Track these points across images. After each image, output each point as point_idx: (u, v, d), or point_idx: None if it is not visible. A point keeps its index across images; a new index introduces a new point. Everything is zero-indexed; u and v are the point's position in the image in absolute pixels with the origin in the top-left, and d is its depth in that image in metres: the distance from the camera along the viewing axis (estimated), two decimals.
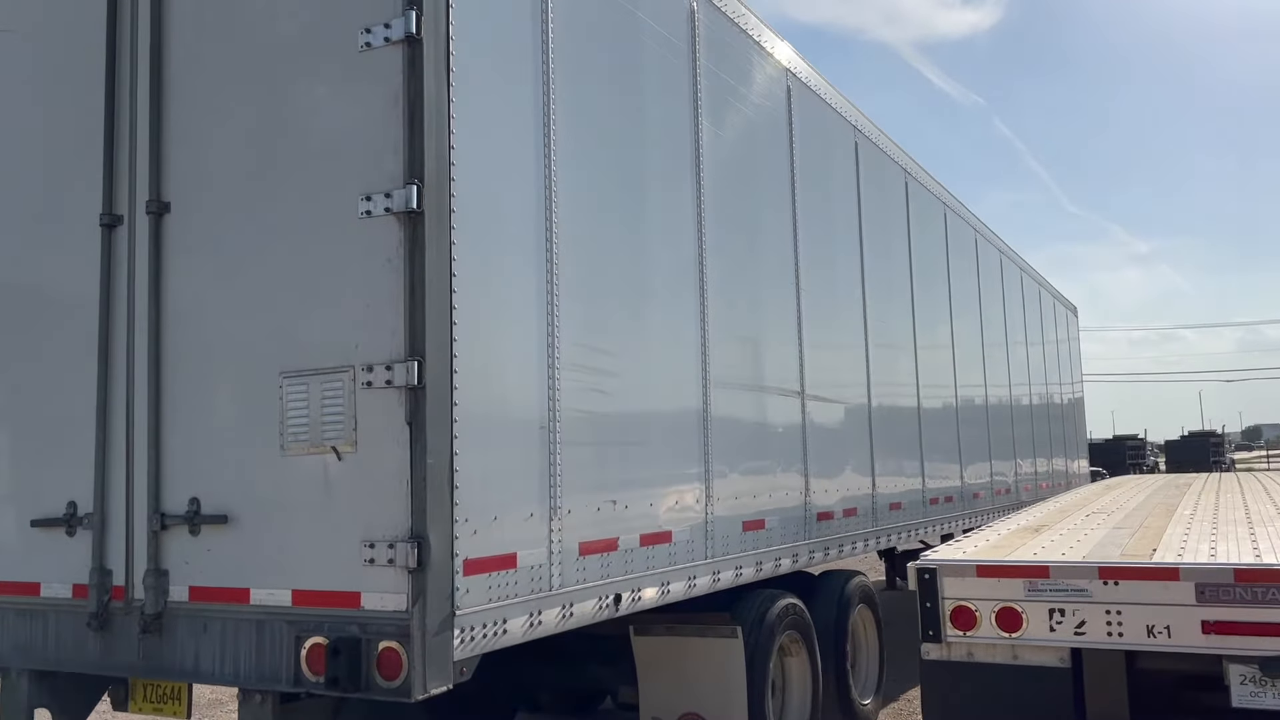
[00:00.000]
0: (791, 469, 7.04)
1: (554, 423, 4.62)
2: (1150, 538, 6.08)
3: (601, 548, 4.92)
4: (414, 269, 4.00)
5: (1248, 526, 6.45)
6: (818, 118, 8.02)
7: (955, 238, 11.48)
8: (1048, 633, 5.14)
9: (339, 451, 4.08)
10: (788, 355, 7.13)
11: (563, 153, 4.84)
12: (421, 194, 3.99)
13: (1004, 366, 13.48)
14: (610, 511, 5.01)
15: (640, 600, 5.22)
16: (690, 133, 6.07)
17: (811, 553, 7.25)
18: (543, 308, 4.63)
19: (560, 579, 4.61)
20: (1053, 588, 5.17)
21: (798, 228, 7.38)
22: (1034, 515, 8.00)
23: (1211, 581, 4.85)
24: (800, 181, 7.46)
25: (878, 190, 9.13)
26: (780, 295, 7.12)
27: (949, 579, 5.37)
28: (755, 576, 6.45)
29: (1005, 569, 5.28)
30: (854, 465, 8.13)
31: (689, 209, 5.99)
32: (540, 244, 4.65)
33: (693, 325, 5.92)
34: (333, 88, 4.26)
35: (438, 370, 4.00)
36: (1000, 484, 12.69)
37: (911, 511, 9.32)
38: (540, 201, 4.67)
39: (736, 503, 6.25)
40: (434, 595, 3.91)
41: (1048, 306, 17.14)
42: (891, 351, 9.24)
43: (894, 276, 9.47)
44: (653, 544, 5.34)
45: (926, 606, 5.38)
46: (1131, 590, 4.99)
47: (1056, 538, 6.32)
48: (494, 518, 4.24)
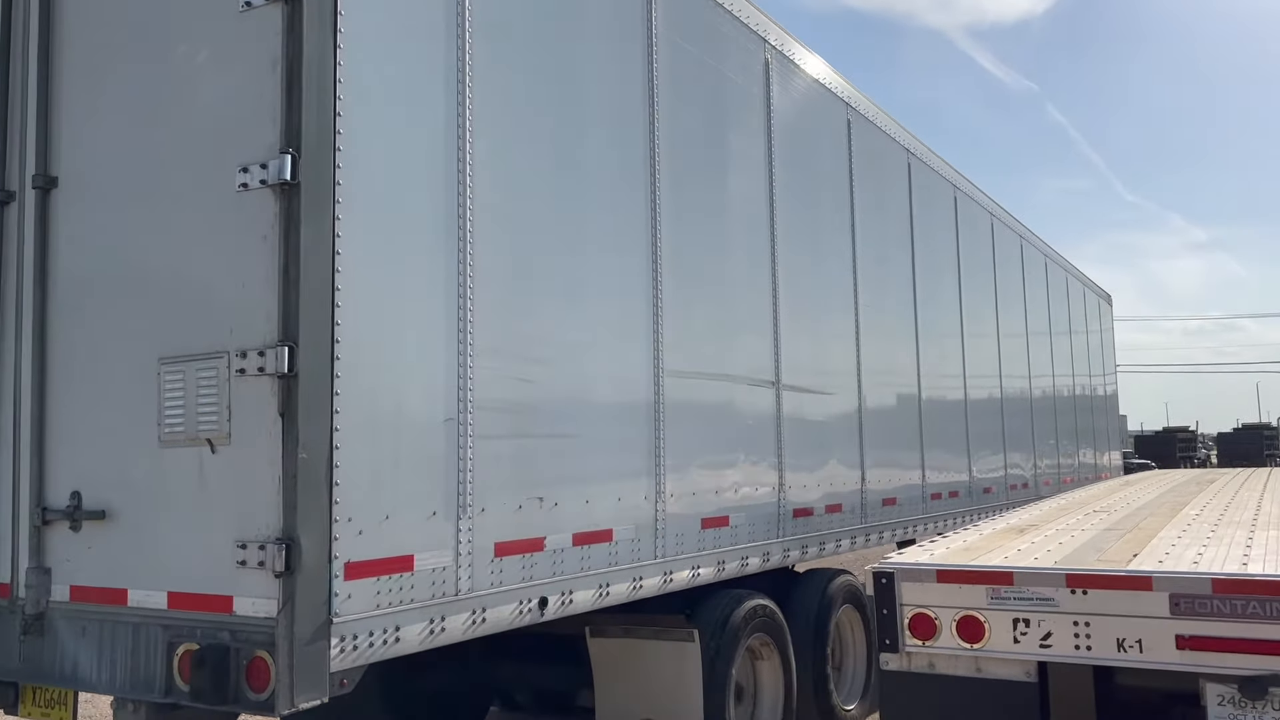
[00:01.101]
0: (763, 463, 6.66)
1: (465, 414, 4.29)
2: (1138, 541, 5.64)
3: (523, 548, 4.59)
4: (289, 246, 3.68)
5: (1250, 530, 5.97)
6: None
7: (965, 219, 10.98)
8: (1011, 644, 4.74)
9: (213, 444, 3.79)
10: (760, 344, 6.74)
11: (482, 123, 4.49)
12: (297, 165, 3.68)
13: (1023, 356, 12.96)
14: (535, 509, 4.67)
15: (572, 604, 4.88)
16: (643, 106, 5.69)
17: (786, 551, 6.87)
18: (452, 291, 4.29)
19: (470, 582, 4.28)
20: (1017, 596, 4.77)
21: (774, 202, 6.98)
22: (1029, 513, 7.55)
23: (1187, 593, 4.42)
24: (778, 161, 7.06)
25: (867, 161, 8.69)
26: (753, 279, 6.73)
27: (907, 585, 4.99)
28: (717, 576, 6.09)
29: (967, 574, 4.88)
30: (840, 459, 7.72)
31: (641, 186, 5.62)
32: (451, 221, 4.31)
33: (644, 311, 5.55)
34: (214, 52, 3.96)
35: (315, 357, 3.68)
36: (1016, 478, 12.20)
37: (908, 507, 8.89)
38: (451, 175, 4.33)
39: (695, 499, 5.89)
40: (306, 601, 3.60)
41: (1076, 295, 16.53)
42: (888, 340, 8.80)
43: (891, 258, 9.03)
44: (588, 543, 5.00)
45: (883, 614, 5.01)
46: (1101, 600, 4.58)
47: (1039, 539, 5.89)
48: (385, 517, 3.91)
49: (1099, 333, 18.45)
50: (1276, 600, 4.26)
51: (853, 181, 8.23)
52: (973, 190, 11.38)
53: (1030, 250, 13.66)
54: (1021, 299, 13.08)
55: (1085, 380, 16.88)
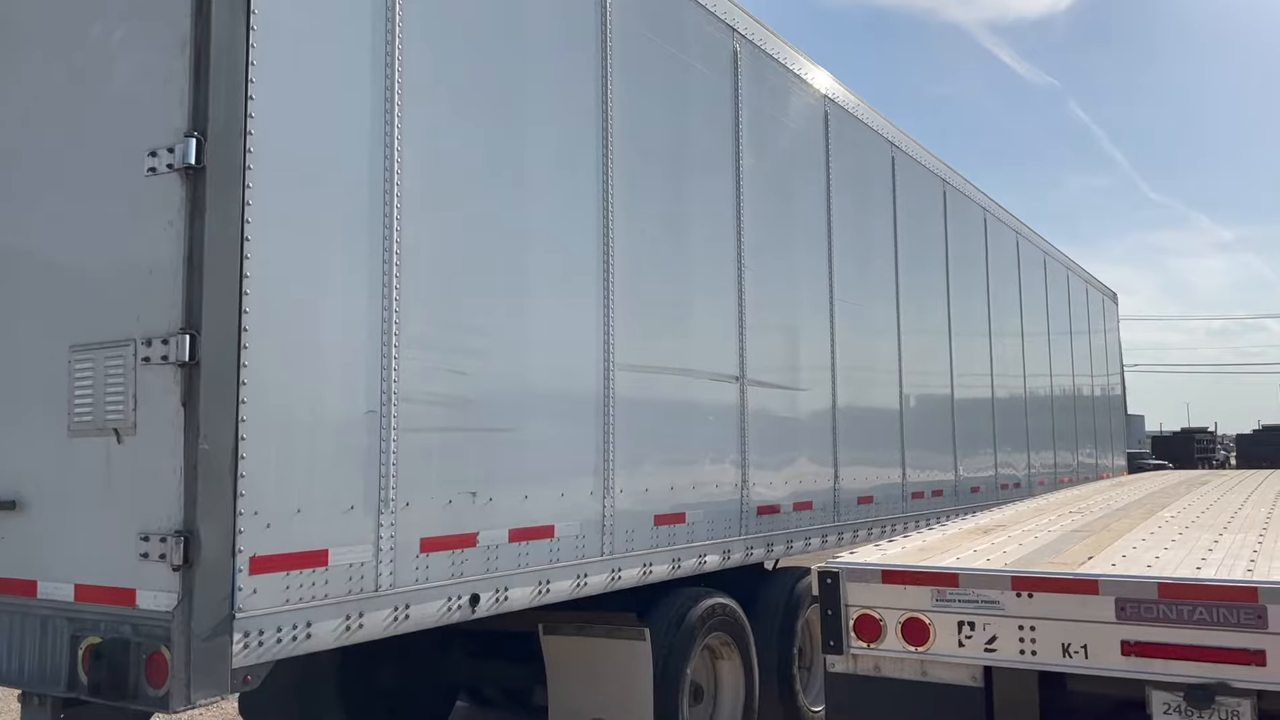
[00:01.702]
0: (725, 460, 6.54)
1: (388, 407, 4.19)
2: (1099, 543, 5.50)
3: (453, 544, 4.49)
4: (194, 232, 3.59)
5: (1219, 533, 5.82)
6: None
7: (955, 213, 10.82)
8: (956, 647, 4.62)
9: (120, 434, 3.70)
10: (723, 338, 6.61)
11: (412, 108, 4.39)
12: (202, 148, 3.59)
13: (1018, 354, 12.78)
14: (467, 505, 4.57)
15: (507, 601, 4.78)
16: (595, 88, 5.58)
17: (750, 549, 6.75)
18: (376, 281, 4.19)
19: (392, 579, 4.19)
20: (962, 598, 4.64)
21: (741, 191, 6.86)
22: (1002, 514, 7.40)
23: (1133, 597, 4.29)
24: (746, 149, 6.93)
25: (845, 154, 8.54)
26: (716, 271, 6.60)
27: (853, 585, 4.87)
28: (671, 574, 5.98)
29: (912, 575, 4.76)
30: (811, 456, 7.59)
31: (591, 171, 5.50)
32: (376, 210, 4.21)
33: (593, 303, 5.44)
34: (127, 32, 3.87)
35: (219, 345, 3.59)
36: (1008, 478, 12.02)
37: (887, 506, 8.75)
38: (377, 162, 4.23)
39: (647, 495, 5.77)
40: (205, 595, 3.51)
41: (1078, 292, 16.32)
42: (867, 336, 8.66)
43: (872, 252, 8.88)
44: (527, 540, 4.90)
45: (828, 614, 4.89)
46: (1046, 604, 4.45)
47: (1001, 540, 5.76)
48: (297, 511, 3.82)
49: (1103, 331, 18.22)
50: (1223, 606, 4.12)
51: (829, 174, 8.09)
52: (963, 184, 11.22)
53: (1027, 246, 13.47)
54: (1016, 296, 12.89)
55: (1087, 379, 16.67)
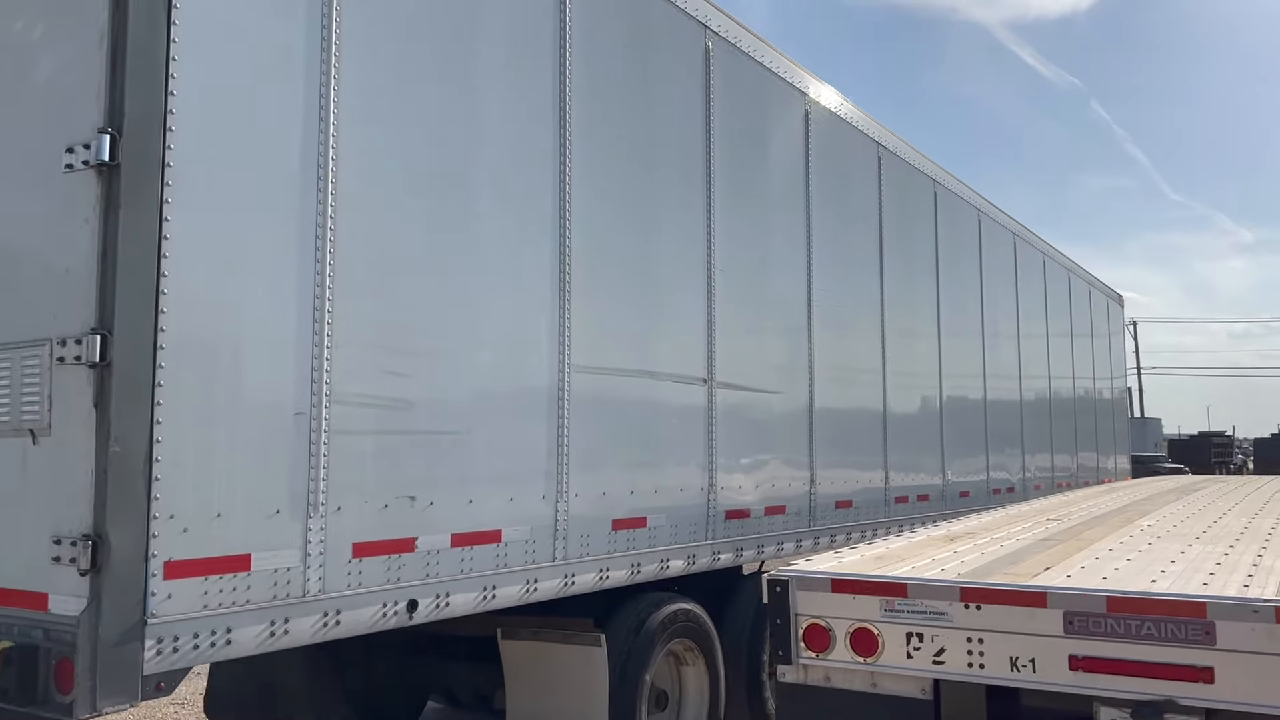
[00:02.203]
0: (690, 463, 6.44)
1: (319, 409, 4.12)
2: (1062, 553, 5.38)
3: (389, 549, 4.41)
4: (108, 230, 3.53)
5: (1189, 543, 5.69)
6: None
7: (946, 214, 10.68)
8: (904, 659, 4.52)
9: (35, 435, 3.64)
10: (691, 339, 6.51)
11: (350, 102, 4.31)
12: (117, 145, 3.52)
13: (1013, 356, 12.63)
14: (405, 509, 4.49)
15: (449, 607, 4.70)
16: (552, 74, 5.49)
17: (716, 553, 6.66)
18: (308, 281, 4.12)
19: (321, 584, 4.11)
20: (910, 609, 4.54)
21: (712, 185, 6.75)
22: (975, 521, 7.28)
23: (1081, 610, 4.18)
24: (718, 140, 6.83)
25: (826, 151, 8.43)
26: (684, 268, 6.51)
27: (802, 593, 4.78)
28: (630, 579, 5.89)
29: (861, 585, 4.66)
30: (785, 460, 7.48)
31: (546, 162, 5.41)
32: (308, 207, 4.14)
33: (547, 303, 5.36)
34: (49, 28, 3.81)
35: (133, 346, 3.52)
36: (1000, 482, 11.88)
37: (867, 511, 8.64)
38: (311, 159, 4.15)
39: (605, 499, 5.69)
40: (115, 600, 3.44)
41: (1080, 295, 16.14)
42: (848, 338, 8.54)
43: (854, 251, 8.76)
44: (471, 545, 4.82)
45: (777, 623, 4.80)
46: (994, 616, 4.35)
47: (964, 549, 5.65)
48: (217, 515, 3.75)
49: (1106, 335, 18.02)
50: (1171, 621, 4.01)
51: (809, 174, 7.99)
52: (955, 184, 11.08)
53: (1025, 248, 13.32)
54: (1013, 297, 12.74)
55: (1088, 382, 16.49)
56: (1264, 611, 3.86)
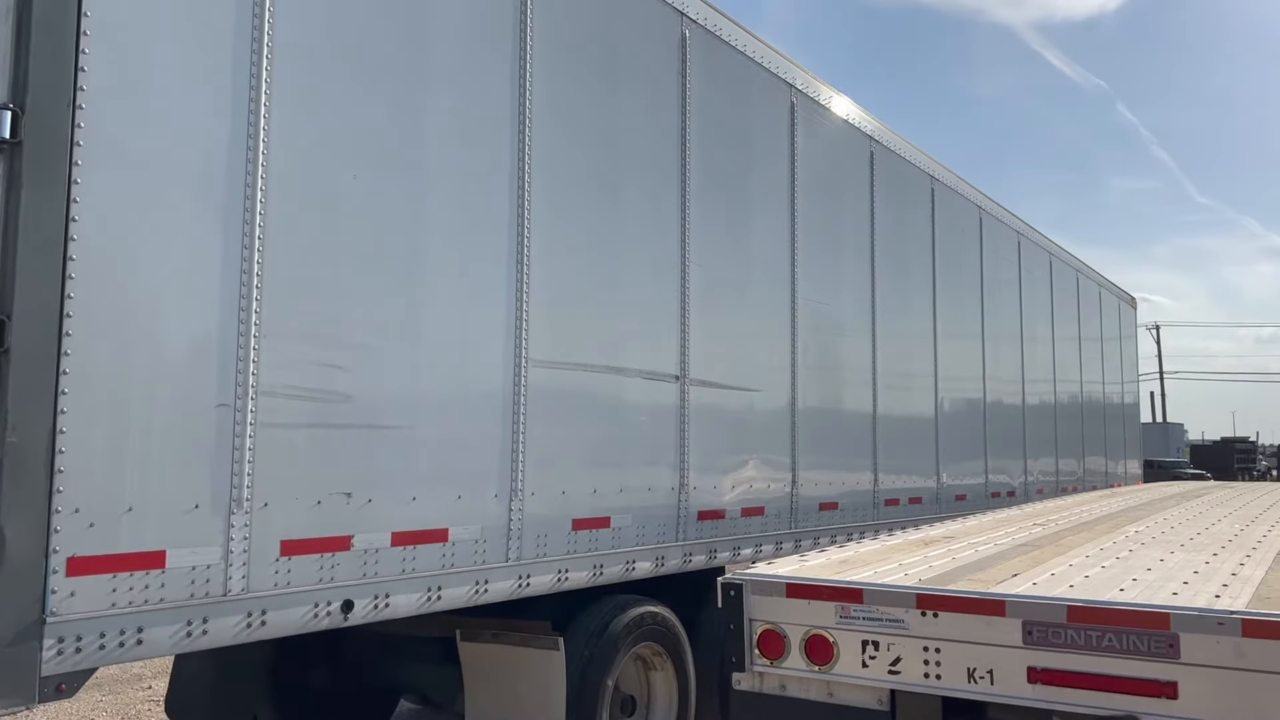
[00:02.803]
0: (660, 462, 6.26)
1: (244, 400, 3.96)
2: (1037, 559, 5.17)
3: (321, 547, 4.25)
4: (8, 210, 3.37)
5: (1171, 550, 5.46)
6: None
7: (944, 212, 10.45)
8: (859, 668, 4.33)
9: None
10: (662, 335, 6.33)
11: (285, 81, 4.15)
12: (19, 121, 3.36)
13: (1016, 358, 12.38)
14: (341, 506, 4.33)
15: (389, 608, 4.53)
16: (512, 60, 5.32)
17: (688, 555, 6.47)
18: (234, 266, 3.96)
19: (245, 583, 3.95)
20: (866, 615, 4.35)
21: (688, 181, 6.57)
22: (959, 525, 7.06)
23: (1041, 620, 3.98)
24: (694, 131, 6.65)
25: (811, 136, 8.23)
26: (655, 259, 6.32)
27: (757, 598, 4.60)
28: (592, 581, 5.71)
29: (816, 590, 4.47)
30: (764, 460, 7.29)
31: (503, 136, 5.23)
32: (236, 191, 3.98)
33: (503, 294, 5.18)
34: None
35: (34, 331, 3.37)
36: (1000, 485, 11.64)
37: (854, 513, 8.43)
38: (240, 140, 3.99)
39: (564, 499, 5.51)
40: (11, 598, 3.29)
41: (1090, 297, 15.85)
42: (834, 336, 8.34)
43: (843, 246, 8.55)
44: (414, 544, 4.65)
45: (730, 629, 4.62)
46: (952, 625, 4.15)
47: (938, 553, 5.44)
48: (128, 509, 3.60)
49: (1118, 338, 17.71)
50: (1133, 633, 3.80)
51: (795, 163, 7.79)
52: (955, 181, 10.84)
53: (1030, 248, 13.06)
54: (1016, 298, 12.49)
55: (1098, 385, 16.19)
56: (1229, 624, 3.65)
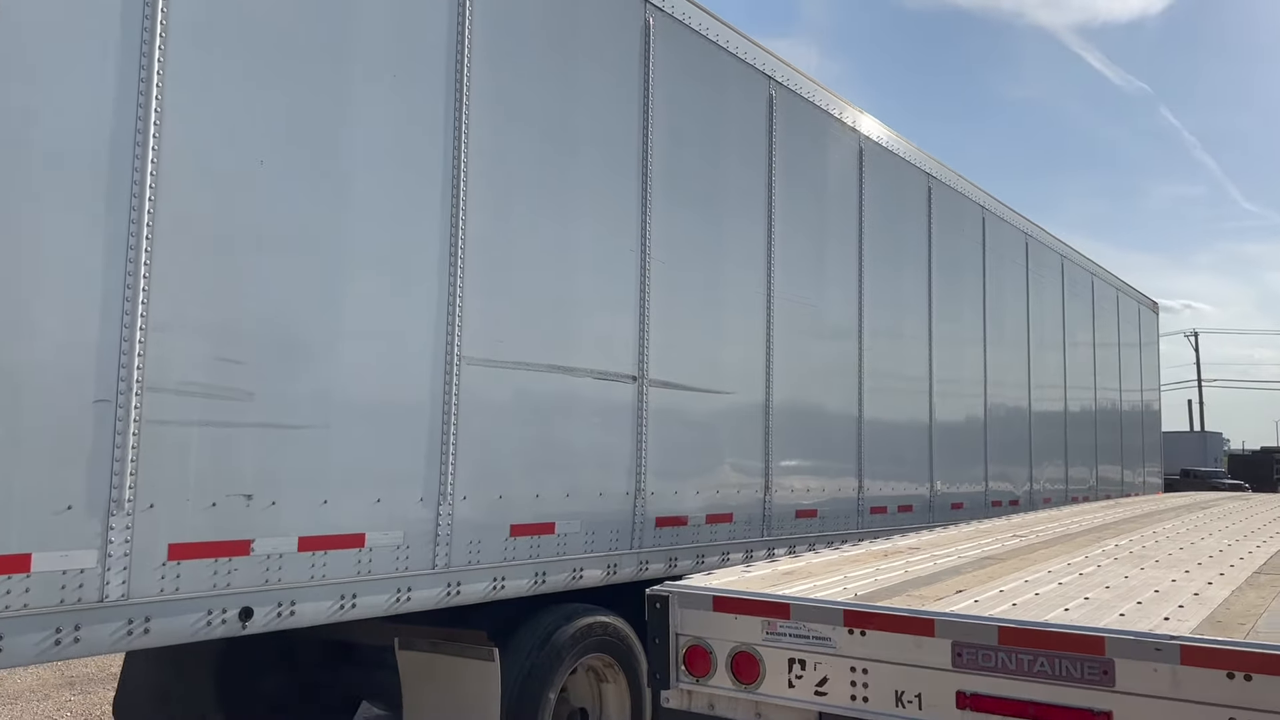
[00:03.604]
0: (613, 466, 6.01)
1: (128, 396, 3.76)
2: (993, 574, 4.87)
3: (216, 551, 4.04)
4: None
5: (1143, 565, 5.15)
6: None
7: (944, 210, 10.12)
8: (786, 688, 4.07)
9: None
10: (617, 333, 6.08)
11: (181, 54, 3.95)
12: None
13: (1021, 363, 12.01)
14: (239, 508, 4.12)
15: (294, 616, 4.32)
16: (449, 35, 5.09)
17: (644, 563, 6.22)
18: (118, 256, 3.75)
19: (125, 588, 3.75)
20: (793, 632, 4.08)
21: (649, 166, 6.32)
22: (934, 534, 6.76)
23: (970, 641, 3.69)
24: (658, 111, 6.40)
25: (787, 125, 7.95)
26: (612, 260, 6.07)
27: (685, 611, 4.34)
28: (534, 589, 5.47)
29: (743, 604, 4.20)
30: (734, 464, 7.02)
31: (436, 104, 5.00)
32: (122, 172, 3.77)
33: (433, 287, 4.96)
34: None
35: None
36: (1002, 493, 11.28)
37: (835, 521, 8.13)
38: (128, 114, 3.78)
39: (501, 503, 5.28)
40: None
41: (1107, 301, 15.41)
42: (816, 337, 8.05)
43: (826, 244, 8.25)
44: (324, 549, 4.43)
45: (655, 643, 4.36)
46: (880, 644, 3.87)
47: (894, 565, 5.16)
48: None
49: (1137, 344, 17.23)
50: (1066, 657, 3.51)
51: (772, 154, 7.52)
52: (955, 179, 10.51)
53: (1040, 250, 12.68)
54: (1023, 301, 12.12)
55: (1113, 393, 15.74)
56: (1167, 650, 3.35)
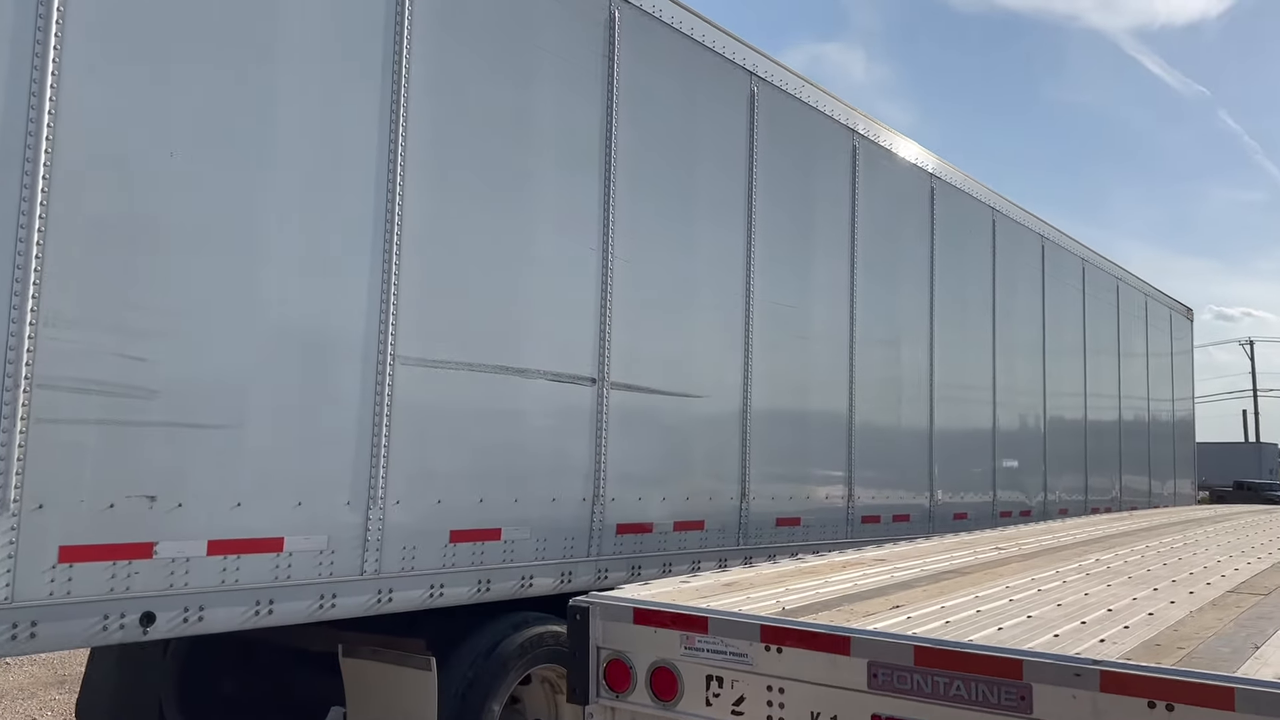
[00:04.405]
0: (569, 471, 5.82)
1: (14, 393, 3.63)
2: (942, 589, 4.62)
3: (113, 554, 3.90)
4: None
5: (1110, 582, 4.86)
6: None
7: (947, 209, 9.82)
8: (704, 706, 3.86)
9: None
10: (575, 333, 5.89)
11: (77, 35, 3.84)
12: None
13: (1035, 369, 11.66)
14: (141, 510, 3.98)
15: (202, 622, 4.17)
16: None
17: (603, 571, 6.02)
18: (7, 244, 3.64)
19: (9, 591, 3.61)
20: (711, 647, 3.87)
21: (613, 154, 6.13)
22: (906, 546, 6.50)
23: (886, 661, 3.46)
24: (623, 70, 6.22)
25: (769, 119, 7.71)
26: (569, 257, 5.89)
27: (607, 624, 4.14)
28: (477, 597, 5.30)
29: (662, 617, 4.00)
30: (706, 470, 6.80)
31: (371, 111, 4.85)
32: (13, 161, 3.66)
33: (363, 282, 4.80)
34: None
35: None
36: (1012, 503, 10.94)
37: (820, 530, 7.88)
38: (19, 103, 3.68)
39: (440, 508, 5.11)
40: None
41: (1134, 307, 14.95)
42: (801, 340, 7.80)
43: (812, 244, 8.01)
44: (237, 553, 4.28)
45: (575, 656, 4.17)
46: (796, 662, 3.65)
47: (848, 577, 4.93)
48: None
49: (1169, 352, 16.73)
50: (983, 681, 3.27)
51: (753, 143, 7.30)
52: (962, 180, 10.20)
53: (1056, 252, 12.30)
54: (1038, 306, 11.75)
55: (1141, 401, 15.27)
56: (1087, 676, 3.09)
